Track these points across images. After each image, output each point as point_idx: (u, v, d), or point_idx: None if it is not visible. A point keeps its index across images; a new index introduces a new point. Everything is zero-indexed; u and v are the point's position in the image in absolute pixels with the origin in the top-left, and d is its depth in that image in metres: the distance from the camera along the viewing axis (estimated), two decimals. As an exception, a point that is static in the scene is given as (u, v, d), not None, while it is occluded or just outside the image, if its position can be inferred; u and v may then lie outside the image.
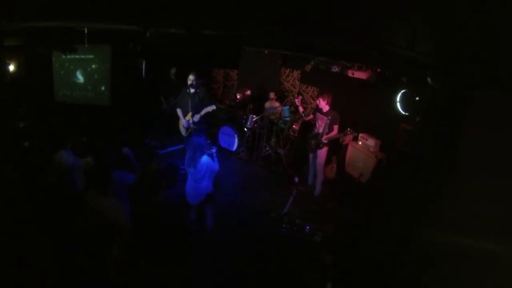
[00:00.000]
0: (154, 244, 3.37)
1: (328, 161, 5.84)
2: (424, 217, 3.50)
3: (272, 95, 7.20)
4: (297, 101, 5.78)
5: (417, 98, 4.04)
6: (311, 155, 5.55)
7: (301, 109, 5.90)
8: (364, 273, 3.60)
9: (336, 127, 5.11)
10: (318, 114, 5.30)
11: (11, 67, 6.14)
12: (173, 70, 7.03)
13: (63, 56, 6.38)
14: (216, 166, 4.17)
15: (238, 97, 7.48)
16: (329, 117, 5.08)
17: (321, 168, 5.44)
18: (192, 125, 5.41)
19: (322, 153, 5.34)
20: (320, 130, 5.21)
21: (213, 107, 5.34)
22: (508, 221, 2.61)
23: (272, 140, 6.95)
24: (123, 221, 3.01)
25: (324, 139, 5.16)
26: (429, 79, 3.50)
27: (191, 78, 5.23)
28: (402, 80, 4.42)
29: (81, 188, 3.90)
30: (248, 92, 7.57)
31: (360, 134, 5.91)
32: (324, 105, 5.15)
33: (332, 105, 5.18)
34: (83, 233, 2.96)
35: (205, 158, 4.08)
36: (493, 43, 2.17)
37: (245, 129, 6.87)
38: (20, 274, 2.84)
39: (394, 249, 3.70)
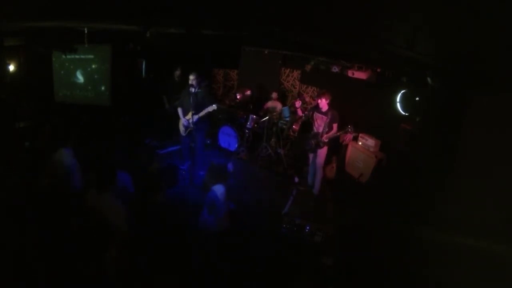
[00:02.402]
0: (154, 244, 3.37)
1: (328, 161, 5.85)
2: (424, 217, 3.50)
3: (274, 95, 7.20)
4: (297, 104, 5.47)
5: (417, 98, 4.04)
6: (311, 155, 5.54)
7: (299, 112, 5.60)
8: (364, 273, 3.60)
9: (335, 125, 5.11)
10: (316, 114, 5.29)
11: (11, 67, 6.13)
12: (177, 72, 7.02)
13: (63, 56, 6.37)
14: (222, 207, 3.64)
15: (238, 97, 7.48)
16: (329, 116, 5.08)
17: (320, 167, 5.44)
18: (192, 125, 5.42)
19: (322, 152, 5.33)
20: (320, 130, 5.20)
21: (214, 107, 5.32)
22: (508, 221, 2.60)
23: (272, 140, 6.95)
24: (121, 220, 3.01)
25: (324, 138, 5.14)
26: (429, 79, 3.49)
27: (191, 78, 5.24)
28: (402, 80, 4.42)
29: (80, 188, 3.89)
30: (248, 92, 7.58)
31: (360, 134, 5.91)
32: (324, 105, 5.14)
33: (331, 104, 5.18)
34: (80, 233, 2.96)
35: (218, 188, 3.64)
36: (493, 43, 2.17)
37: (245, 129, 6.88)
38: (18, 275, 2.84)
39: (394, 249, 3.70)
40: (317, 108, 5.29)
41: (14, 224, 3.28)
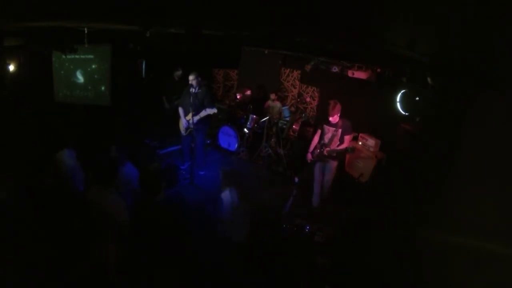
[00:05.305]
0: (154, 244, 3.37)
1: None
2: (424, 217, 3.50)
3: (273, 96, 7.21)
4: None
5: (417, 98, 4.04)
6: (318, 171, 5.12)
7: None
8: (364, 273, 3.60)
9: (347, 138, 4.77)
10: (326, 126, 4.90)
11: (11, 67, 6.14)
12: (178, 73, 7.01)
13: (63, 56, 6.38)
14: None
15: (238, 97, 7.49)
16: (339, 128, 4.74)
17: (329, 185, 5.09)
18: (191, 125, 5.42)
19: (333, 167, 5.00)
20: (326, 141, 4.85)
21: (214, 110, 5.28)
22: (508, 221, 2.61)
23: (272, 140, 6.95)
24: (123, 216, 3.01)
25: (326, 151, 4.78)
26: (429, 79, 3.50)
27: (191, 78, 5.24)
28: (402, 80, 4.42)
29: (82, 188, 3.90)
30: (248, 92, 7.58)
31: (360, 134, 5.91)
32: (335, 118, 4.73)
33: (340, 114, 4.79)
34: (81, 233, 2.96)
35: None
36: (493, 43, 2.17)
37: (245, 129, 6.88)
38: (19, 275, 2.84)
39: (394, 249, 3.70)
40: (327, 121, 4.86)
41: (16, 224, 3.28)
